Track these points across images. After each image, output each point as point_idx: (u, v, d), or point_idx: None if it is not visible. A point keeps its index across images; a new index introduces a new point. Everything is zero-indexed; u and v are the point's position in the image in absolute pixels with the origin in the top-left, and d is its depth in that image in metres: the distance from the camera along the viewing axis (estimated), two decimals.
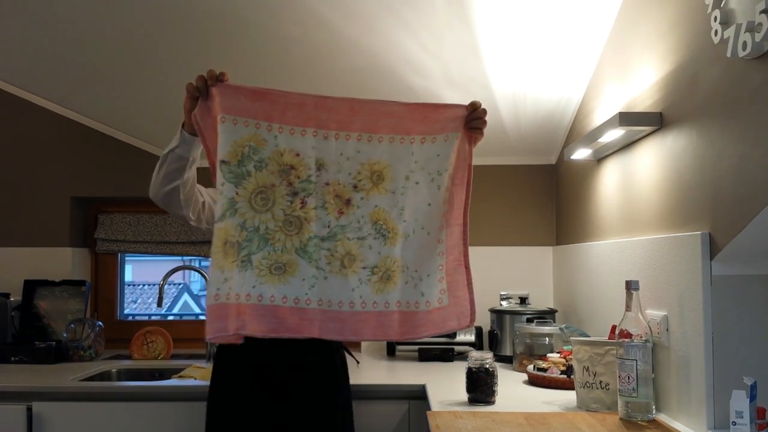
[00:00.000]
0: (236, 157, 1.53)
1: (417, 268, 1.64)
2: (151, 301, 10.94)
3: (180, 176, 1.69)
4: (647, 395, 1.48)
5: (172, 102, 2.40)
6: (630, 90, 1.81)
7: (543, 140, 2.62)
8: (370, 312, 1.58)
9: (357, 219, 1.60)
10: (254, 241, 1.53)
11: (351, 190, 1.60)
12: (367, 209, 1.61)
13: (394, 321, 1.60)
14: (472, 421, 1.51)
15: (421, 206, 1.64)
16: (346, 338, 1.61)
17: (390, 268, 1.61)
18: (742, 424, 1.20)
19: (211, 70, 1.53)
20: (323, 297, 1.56)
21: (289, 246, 1.55)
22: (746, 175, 1.23)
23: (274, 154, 1.55)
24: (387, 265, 1.61)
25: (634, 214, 1.80)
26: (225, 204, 1.52)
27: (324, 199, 1.58)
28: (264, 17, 1.97)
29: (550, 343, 2.18)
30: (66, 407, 2.00)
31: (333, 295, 1.56)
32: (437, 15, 1.92)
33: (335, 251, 1.58)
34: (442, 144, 1.64)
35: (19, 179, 2.82)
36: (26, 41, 2.21)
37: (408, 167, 1.64)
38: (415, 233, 1.63)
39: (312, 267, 1.56)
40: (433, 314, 1.64)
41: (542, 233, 2.78)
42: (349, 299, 1.57)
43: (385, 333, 1.60)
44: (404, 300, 1.61)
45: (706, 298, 1.37)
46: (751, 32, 1.14)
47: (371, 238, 1.60)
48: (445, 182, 1.65)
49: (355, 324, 1.57)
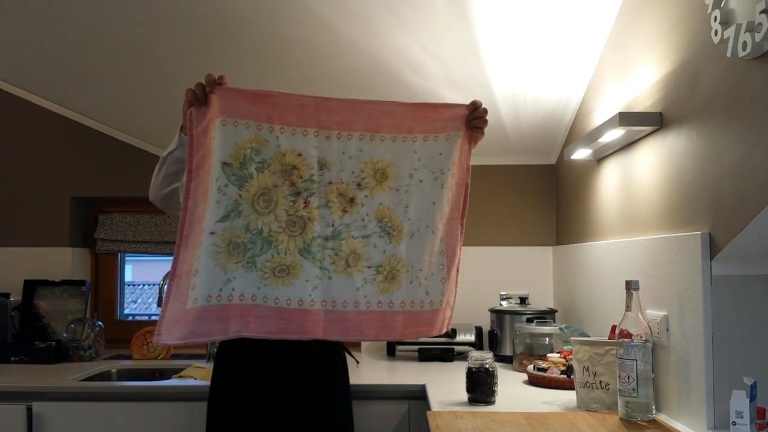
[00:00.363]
0: (238, 159, 1.53)
1: (422, 267, 1.63)
2: (151, 301, 10.93)
3: (179, 178, 1.69)
4: (647, 395, 1.48)
5: (172, 102, 2.40)
6: (630, 90, 1.81)
7: (543, 140, 2.62)
8: (374, 312, 1.58)
9: (362, 217, 1.59)
10: (258, 243, 1.52)
11: (355, 188, 1.60)
12: (372, 207, 1.60)
13: (398, 321, 1.60)
14: (472, 421, 1.51)
15: (425, 204, 1.64)
16: (349, 338, 1.61)
17: (395, 267, 1.60)
18: (742, 424, 1.20)
19: (210, 75, 1.53)
20: (327, 298, 1.55)
21: (293, 247, 1.54)
22: (746, 175, 1.23)
23: (276, 155, 1.55)
24: (392, 264, 1.60)
25: (634, 214, 1.80)
26: (230, 205, 1.51)
27: (327, 198, 1.57)
28: (264, 17, 1.97)
29: (550, 343, 2.18)
30: (66, 407, 1.99)
31: (337, 295, 1.56)
32: (437, 15, 1.92)
33: (340, 250, 1.57)
34: (444, 143, 1.64)
35: (20, 179, 2.82)
36: (26, 41, 2.21)
37: (411, 165, 1.64)
38: (420, 232, 1.63)
39: (316, 267, 1.55)
40: (433, 315, 1.64)
41: (542, 233, 2.78)
42: (354, 299, 1.56)
43: (388, 333, 1.60)
44: (408, 300, 1.61)
45: (706, 298, 1.37)
46: (751, 32, 1.14)
47: (376, 236, 1.59)
48: (448, 181, 1.65)
49: (360, 324, 1.57)
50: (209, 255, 1.49)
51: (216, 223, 1.51)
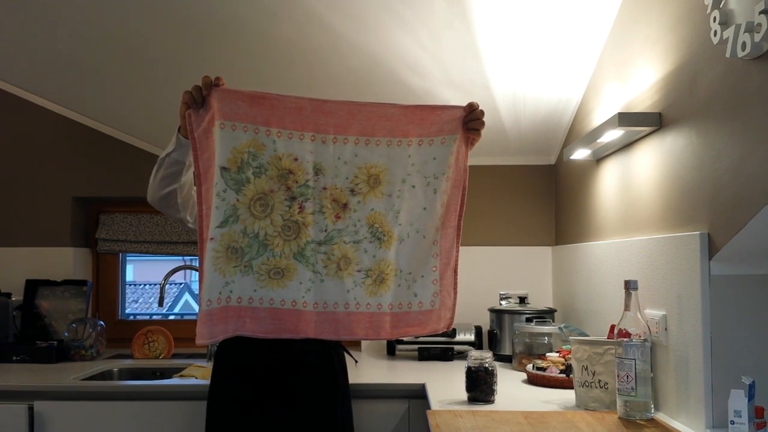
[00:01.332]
0: (236, 163, 1.54)
1: (411, 270, 1.67)
2: (152, 300, 10.96)
3: (176, 180, 1.70)
4: (646, 394, 1.48)
5: (172, 102, 2.40)
6: (629, 90, 1.81)
7: (542, 140, 2.63)
8: (363, 313, 1.63)
9: (353, 223, 1.63)
10: (254, 246, 1.56)
11: (348, 194, 1.62)
12: (364, 212, 1.63)
13: (386, 321, 1.64)
14: (472, 420, 1.51)
15: (416, 209, 1.66)
16: (340, 337, 1.65)
17: (384, 271, 1.64)
18: (740, 423, 1.20)
19: (206, 76, 1.54)
20: (319, 300, 1.60)
21: (287, 251, 1.58)
22: (745, 175, 1.23)
23: (273, 159, 1.56)
24: (381, 268, 1.64)
25: (634, 214, 1.80)
26: (228, 210, 1.53)
27: (321, 203, 1.60)
28: (262, 18, 1.97)
29: (550, 342, 2.19)
30: (67, 406, 2.00)
31: (329, 297, 1.60)
32: (436, 15, 1.92)
33: (331, 254, 1.61)
34: (439, 147, 1.65)
35: (21, 179, 2.83)
36: (26, 41, 2.22)
37: (405, 170, 1.66)
38: (410, 236, 1.66)
39: (309, 271, 1.59)
40: (423, 315, 1.67)
41: (541, 233, 2.79)
42: (344, 300, 1.61)
43: (376, 332, 1.64)
44: (396, 302, 1.65)
45: (704, 298, 1.37)
46: (750, 32, 1.14)
47: (366, 242, 1.63)
48: (442, 185, 1.66)
49: (350, 323, 1.62)
50: (210, 260, 1.52)
51: (215, 229, 1.53)
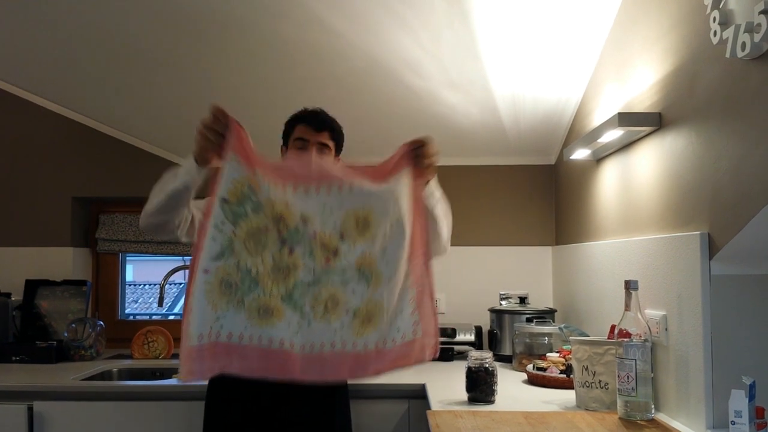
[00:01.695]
0: (236, 195, 1.53)
1: (393, 305, 1.63)
2: (151, 300, 10.95)
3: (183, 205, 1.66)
4: (646, 395, 1.48)
5: (172, 102, 2.41)
6: (629, 90, 1.81)
7: (542, 140, 2.63)
8: (349, 353, 1.58)
9: (342, 267, 1.59)
10: (246, 282, 1.53)
11: (338, 239, 1.59)
12: (354, 255, 1.60)
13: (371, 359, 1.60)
14: (472, 420, 1.51)
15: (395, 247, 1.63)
16: (325, 379, 1.60)
17: (371, 311, 1.60)
18: (740, 423, 1.20)
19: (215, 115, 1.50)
20: (306, 342, 1.56)
21: (275, 292, 1.55)
22: (745, 175, 1.23)
23: (267, 202, 1.55)
24: (368, 308, 1.60)
25: (634, 214, 1.80)
26: (224, 243, 1.52)
27: (311, 247, 1.58)
28: (262, 19, 1.97)
29: (550, 342, 2.19)
30: (67, 406, 2.00)
31: (316, 338, 1.57)
32: (436, 15, 1.92)
33: (319, 295, 1.57)
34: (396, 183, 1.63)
35: (21, 179, 2.83)
36: (26, 41, 2.22)
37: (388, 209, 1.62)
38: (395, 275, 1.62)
39: (296, 314, 1.56)
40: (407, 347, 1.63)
41: (542, 233, 2.79)
42: (330, 340, 1.57)
43: (363, 371, 1.60)
44: (381, 339, 1.61)
45: (705, 298, 1.37)
46: (750, 33, 1.14)
47: (354, 282, 1.59)
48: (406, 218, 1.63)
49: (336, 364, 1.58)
50: (202, 293, 1.50)
51: (210, 261, 1.51)
